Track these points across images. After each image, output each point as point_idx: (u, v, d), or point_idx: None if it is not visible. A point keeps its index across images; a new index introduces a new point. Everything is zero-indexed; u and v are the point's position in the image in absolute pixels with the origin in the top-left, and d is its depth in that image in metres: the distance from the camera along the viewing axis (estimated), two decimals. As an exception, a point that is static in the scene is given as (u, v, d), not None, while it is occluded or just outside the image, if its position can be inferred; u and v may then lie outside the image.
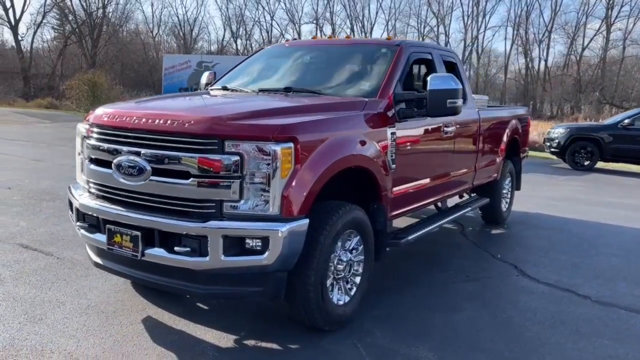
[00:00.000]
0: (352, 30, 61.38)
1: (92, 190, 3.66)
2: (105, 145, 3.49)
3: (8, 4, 47.20)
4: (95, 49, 51.66)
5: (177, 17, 63.63)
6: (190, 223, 3.13)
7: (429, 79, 4.14)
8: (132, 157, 3.31)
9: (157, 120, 3.28)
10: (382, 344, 3.51)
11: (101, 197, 3.59)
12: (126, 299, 4.04)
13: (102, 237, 3.48)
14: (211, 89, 4.92)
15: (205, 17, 73.52)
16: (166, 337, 3.48)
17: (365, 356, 3.35)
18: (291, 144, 3.16)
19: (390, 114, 4.09)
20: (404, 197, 4.32)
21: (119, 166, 3.37)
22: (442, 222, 5.16)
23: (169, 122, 3.23)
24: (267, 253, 3.10)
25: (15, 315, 3.68)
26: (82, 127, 3.77)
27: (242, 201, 3.14)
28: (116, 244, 3.39)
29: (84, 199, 3.65)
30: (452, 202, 6.06)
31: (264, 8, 63.43)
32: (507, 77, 61.37)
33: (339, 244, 3.59)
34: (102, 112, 3.64)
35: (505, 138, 6.56)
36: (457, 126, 5.12)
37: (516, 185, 7.41)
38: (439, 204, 5.74)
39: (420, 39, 61.37)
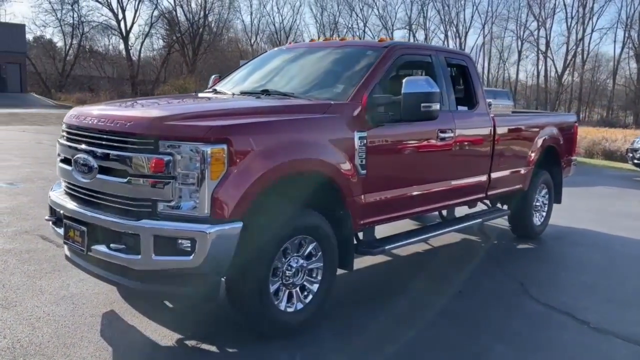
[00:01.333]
0: (445, 35, 60.07)
1: (63, 187, 3.86)
2: (67, 144, 3.67)
3: (120, 16, 51.45)
4: (195, 57, 54.82)
5: (274, 25, 65.74)
6: (124, 221, 3.20)
7: (403, 81, 3.93)
8: (84, 155, 3.45)
9: (105, 121, 3.39)
10: (323, 355, 3.37)
11: (67, 194, 3.77)
12: (102, 293, 4.20)
13: (62, 231, 3.65)
14: (203, 92, 5.01)
15: (301, 25, 75.30)
16: (114, 331, 3.58)
17: (297, 366, 3.24)
18: (223, 146, 3.14)
19: (360, 117, 3.92)
20: (379, 205, 4.13)
21: (75, 163, 3.53)
22: (434, 233, 4.86)
23: (113, 122, 3.33)
24: (193, 255, 3.09)
25: (-6, 300, 3.97)
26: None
27: (175, 201, 3.16)
28: (70, 239, 3.54)
29: (54, 194, 3.85)
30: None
31: (357, 15, 63.88)
32: (617, 84, 57.05)
33: (288, 249, 3.50)
34: (71, 112, 3.83)
35: (535, 146, 6.06)
36: (460, 132, 4.81)
37: (556, 197, 6.82)
38: (444, 213, 5.43)
39: (520, 43, 58.66)
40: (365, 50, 4.53)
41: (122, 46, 55.76)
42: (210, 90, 4.97)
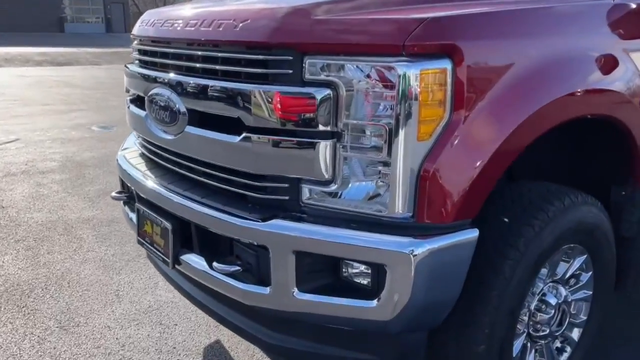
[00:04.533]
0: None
1: (138, 145, 2.36)
2: (138, 70, 2.11)
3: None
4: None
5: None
6: (237, 219, 1.61)
7: None
8: (163, 90, 1.88)
9: (198, 24, 1.77)
10: None
11: (143, 157, 2.27)
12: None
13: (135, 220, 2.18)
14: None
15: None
16: (224, 393, 2.11)
17: None
18: (445, 63, 1.41)
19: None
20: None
21: (151, 105, 1.97)
22: None
23: (213, 26, 1.70)
24: (381, 297, 1.47)
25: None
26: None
27: (336, 183, 1.52)
28: (147, 236, 2.05)
29: (126, 156, 2.36)
30: None
31: None
32: None
33: (545, 273, 1.79)
34: (144, 17, 2.25)
35: None
36: None
37: None
38: None
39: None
40: None
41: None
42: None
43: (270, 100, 1.52)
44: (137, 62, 2.21)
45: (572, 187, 1.87)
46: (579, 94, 1.64)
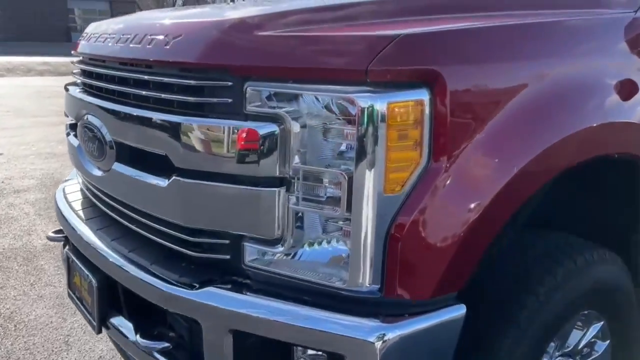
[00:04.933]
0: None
1: (78, 177, 2.05)
2: (74, 93, 1.80)
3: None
4: None
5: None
6: (163, 284, 1.28)
7: None
8: (93, 118, 1.57)
9: (127, 40, 1.45)
10: None
11: (82, 192, 1.95)
12: None
13: (69, 269, 1.85)
14: None
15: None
16: None
17: None
18: (422, 94, 1.09)
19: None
20: None
21: (82, 135, 1.66)
22: None
23: (142, 43, 1.38)
24: (335, 397, 1.13)
25: None
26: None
27: (286, 245, 1.19)
28: (77, 290, 1.73)
29: (65, 189, 2.05)
30: None
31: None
32: None
33: (553, 347, 1.45)
34: (87, 29, 1.94)
35: None
36: None
37: None
38: None
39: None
40: None
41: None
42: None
43: (202, 136, 1.20)
44: (78, 80, 1.90)
45: (585, 239, 1.53)
46: (593, 129, 1.30)
